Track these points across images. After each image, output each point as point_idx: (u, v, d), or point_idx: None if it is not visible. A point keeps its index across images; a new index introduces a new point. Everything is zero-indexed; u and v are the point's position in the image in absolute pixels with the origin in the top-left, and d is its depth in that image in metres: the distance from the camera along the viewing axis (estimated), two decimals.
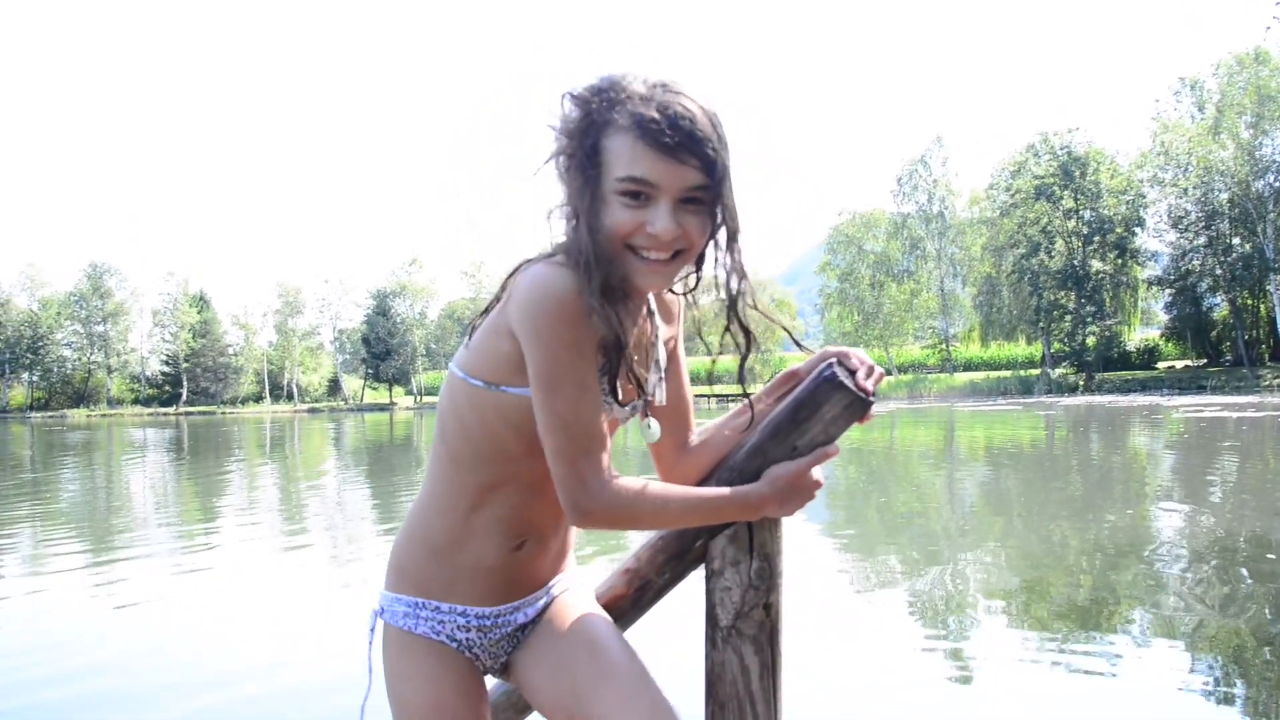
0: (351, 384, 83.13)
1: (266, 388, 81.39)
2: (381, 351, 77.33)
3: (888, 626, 5.57)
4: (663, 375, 1.49)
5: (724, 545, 1.45)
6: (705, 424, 1.58)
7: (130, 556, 8.97)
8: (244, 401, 79.49)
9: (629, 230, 1.26)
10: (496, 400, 1.33)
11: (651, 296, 1.49)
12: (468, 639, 1.43)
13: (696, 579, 1.55)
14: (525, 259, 1.34)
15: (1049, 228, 54.68)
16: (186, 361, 78.60)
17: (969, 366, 63.11)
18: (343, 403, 78.55)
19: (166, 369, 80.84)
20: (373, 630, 1.49)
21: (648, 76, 1.27)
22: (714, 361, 1.59)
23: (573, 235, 1.30)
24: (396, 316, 78.33)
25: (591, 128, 1.26)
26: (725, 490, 1.39)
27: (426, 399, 76.17)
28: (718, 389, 37.71)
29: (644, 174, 1.24)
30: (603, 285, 1.26)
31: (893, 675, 4.63)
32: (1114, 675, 4.56)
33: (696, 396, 1.62)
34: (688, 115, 1.23)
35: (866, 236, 65.57)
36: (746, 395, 1.45)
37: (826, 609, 5.90)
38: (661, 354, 1.49)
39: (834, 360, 1.40)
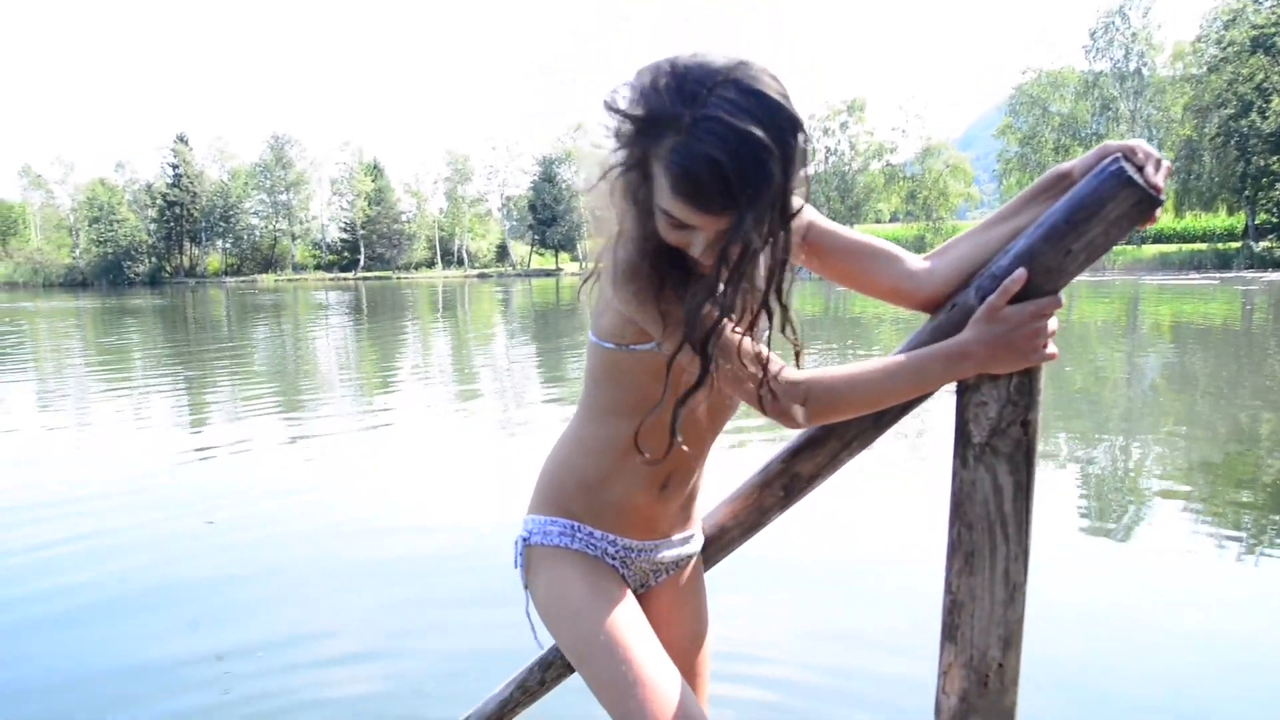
0: (519, 250, 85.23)
1: (438, 253, 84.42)
2: (548, 218, 78.68)
3: (1054, 506, 5.37)
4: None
5: None
6: (950, 239, 1.49)
7: (319, 412, 9.61)
8: (417, 267, 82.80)
9: (675, 243, 1.28)
10: (631, 358, 1.42)
11: None
12: (613, 564, 1.53)
13: (942, 394, 1.46)
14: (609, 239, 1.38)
15: (1265, 84, 49.40)
16: (363, 229, 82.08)
17: (1159, 238, 58.63)
18: (510, 268, 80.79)
19: (345, 236, 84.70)
20: (520, 556, 1.56)
21: (696, 94, 1.17)
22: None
23: (621, 240, 1.32)
24: (562, 183, 79.16)
25: (639, 143, 1.23)
26: (925, 349, 1.35)
27: (592, 265, 77.33)
28: None
29: (680, 217, 1.23)
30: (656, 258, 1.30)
31: (1058, 556, 4.48)
32: None
33: None
34: (715, 169, 1.16)
35: (1053, 97, 61.26)
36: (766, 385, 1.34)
37: None
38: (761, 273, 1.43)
39: (1119, 155, 1.25)
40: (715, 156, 1.15)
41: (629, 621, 1.43)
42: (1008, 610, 1.38)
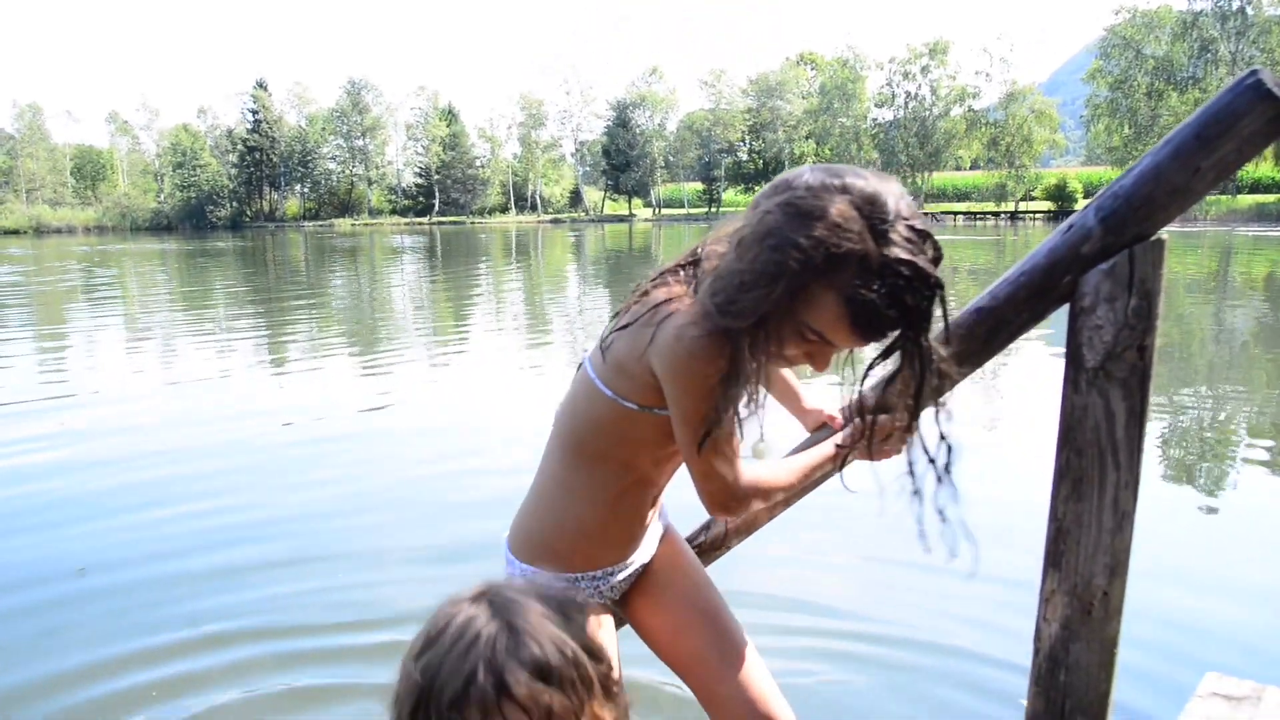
0: (592, 195, 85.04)
1: (511, 199, 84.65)
2: (621, 163, 78.20)
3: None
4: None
5: (1098, 280, 1.30)
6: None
7: (395, 349, 9.77)
8: (490, 212, 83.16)
9: (793, 357, 1.31)
10: (651, 420, 1.42)
11: None
12: (610, 588, 1.59)
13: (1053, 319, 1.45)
14: (667, 299, 1.35)
15: None
16: (437, 174, 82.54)
17: (1256, 187, 56.05)
18: (583, 214, 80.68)
19: (419, 181, 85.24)
20: None
21: (882, 231, 1.17)
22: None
23: (736, 311, 1.24)
24: (636, 128, 78.49)
25: (806, 270, 1.18)
26: (826, 447, 1.55)
27: (665, 211, 77.14)
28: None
29: (834, 341, 1.26)
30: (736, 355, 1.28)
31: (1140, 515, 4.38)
32: None
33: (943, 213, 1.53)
34: (901, 309, 1.19)
35: (1147, 39, 58.60)
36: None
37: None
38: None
39: (1258, 69, 1.21)
40: (904, 299, 1.18)
41: None
42: (1115, 538, 1.36)
